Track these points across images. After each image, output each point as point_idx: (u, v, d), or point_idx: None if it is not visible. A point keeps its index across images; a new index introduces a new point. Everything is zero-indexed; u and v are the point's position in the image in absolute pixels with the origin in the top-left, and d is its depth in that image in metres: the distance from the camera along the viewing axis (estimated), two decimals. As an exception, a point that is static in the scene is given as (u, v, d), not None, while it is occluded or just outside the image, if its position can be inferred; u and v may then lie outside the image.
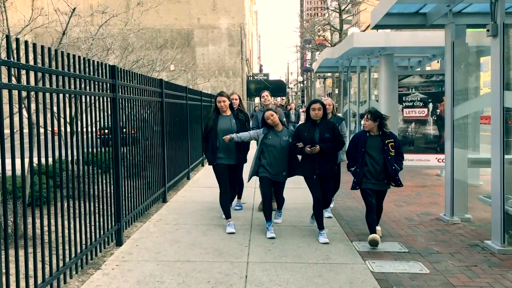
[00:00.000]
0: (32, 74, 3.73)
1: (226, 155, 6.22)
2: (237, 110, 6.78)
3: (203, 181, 10.17)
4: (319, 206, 5.67)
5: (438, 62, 14.28)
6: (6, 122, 3.51)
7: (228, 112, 6.40)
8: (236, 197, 7.41)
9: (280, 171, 5.89)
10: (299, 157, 5.87)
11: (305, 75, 48.19)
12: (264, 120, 5.94)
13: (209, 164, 6.42)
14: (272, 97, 8.25)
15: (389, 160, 5.42)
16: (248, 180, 6.25)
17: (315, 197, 5.66)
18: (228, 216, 6.20)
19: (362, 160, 5.46)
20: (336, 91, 30.51)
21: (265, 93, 7.39)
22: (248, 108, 36.29)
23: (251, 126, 7.22)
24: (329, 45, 31.04)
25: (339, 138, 5.68)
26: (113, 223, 5.51)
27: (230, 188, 6.38)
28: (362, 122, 5.24)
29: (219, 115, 6.35)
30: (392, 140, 5.47)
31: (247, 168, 6.54)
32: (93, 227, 4.93)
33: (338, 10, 31.08)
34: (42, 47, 3.87)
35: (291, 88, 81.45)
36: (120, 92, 5.70)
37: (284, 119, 6.47)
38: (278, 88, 36.75)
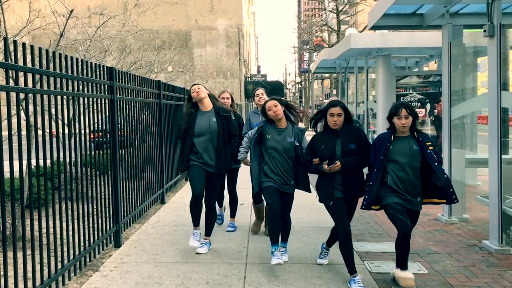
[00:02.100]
0: (30, 76, 3.73)
1: (203, 160, 5.16)
2: None
3: (202, 182, 10.14)
4: (347, 242, 4.23)
5: (435, 63, 14.33)
6: (4, 124, 3.51)
7: (209, 107, 5.26)
8: (230, 215, 6.32)
9: (287, 179, 4.69)
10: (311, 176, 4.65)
11: (303, 76, 48.24)
12: (264, 112, 4.73)
13: (180, 171, 5.49)
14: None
15: (438, 167, 4.08)
16: (254, 192, 5.24)
17: (341, 231, 4.24)
18: (196, 223, 5.28)
19: (379, 170, 4.14)
20: (334, 92, 30.54)
21: (260, 91, 6.04)
22: (246, 109, 36.32)
23: (242, 132, 5.88)
24: (327, 46, 31.08)
25: (368, 150, 4.31)
26: (112, 225, 5.51)
27: (209, 198, 5.27)
28: (397, 121, 4.07)
29: (198, 111, 5.27)
30: (431, 143, 4.18)
31: (243, 175, 6.19)
32: (91, 229, 4.93)
33: (335, 11, 31.12)
34: (40, 49, 3.87)
35: (289, 89, 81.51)
36: (118, 94, 5.70)
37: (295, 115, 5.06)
38: (276, 89, 36.74)
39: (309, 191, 4.79)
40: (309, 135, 4.65)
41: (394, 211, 4.05)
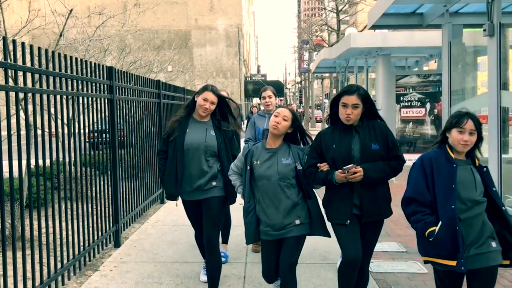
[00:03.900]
0: (29, 75, 3.72)
1: (191, 187, 3.91)
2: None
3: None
4: (349, 270, 3.21)
5: (435, 62, 14.33)
6: (3, 124, 3.51)
7: (207, 117, 4.00)
8: (220, 240, 4.81)
9: (286, 220, 3.28)
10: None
11: (302, 76, 48.28)
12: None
13: (167, 198, 4.20)
14: (277, 98, 5.58)
15: (498, 199, 2.87)
16: (248, 243, 3.52)
17: (346, 255, 3.20)
18: (204, 255, 4.20)
19: (446, 208, 2.73)
20: (334, 92, 30.54)
21: (267, 93, 5.12)
22: (246, 109, 36.33)
23: (244, 137, 5.05)
24: (327, 46, 31.08)
25: (397, 153, 3.23)
26: (111, 225, 5.51)
27: (208, 236, 3.94)
28: (456, 136, 2.81)
29: (190, 119, 3.97)
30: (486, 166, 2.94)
31: None
32: (91, 228, 4.92)
33: (335, 11, 31.11)
34: (39, 48, 3.87)
35: (289, 89, 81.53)
36: (117, 94, 5.70)
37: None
38: (276, 89, 36.76)
39: (328, 234, 3.39)
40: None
41: (450, 281, 2.83)
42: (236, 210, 6.23)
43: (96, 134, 5.41)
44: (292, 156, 3.36)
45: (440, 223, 2.72)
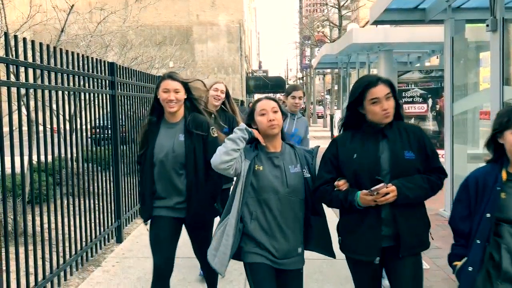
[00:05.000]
0: (30, 71, 3.72)
1: (167, 202, 3.20)
2: (219, 111, 4.30)
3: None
4: None
5: (437, 58, 14.29)
6: (5, 120, 3.51)
7: (178, 117, 3.21)
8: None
9: (291, 245, 2.65)
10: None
11: (304, 72, 48.19)
12: (251, 118, 2.69)
13: (142, 217, 3.37)
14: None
15: None
16: (222, 275, 2.76)
17: None
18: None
19: (485, 239, 2.17)
20: (336, 88, 30.51)
21: (300, 94, 4.57)
22: (247, 106, 36.29)
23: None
24: (328, 41, 31.03)
25: (437, 165, 2.49)
26: (113, 220, 5.51)
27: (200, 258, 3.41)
28: None
29: (162, 122, 3.25)
30: None
31: None
32: (93, 224, 4.93)
33: (337, 6, 31.02)
34: (41, 44, 3.86)
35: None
36: (119, 89, 5.69)
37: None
38: (278, 85, 36.71)
39: (333, 254, 2.81)
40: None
41: None
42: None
43: (98, 130, 5.41)
44: (299, 161, 2.69)
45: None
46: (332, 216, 2.80)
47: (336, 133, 16.49)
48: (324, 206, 2.69)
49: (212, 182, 3.20)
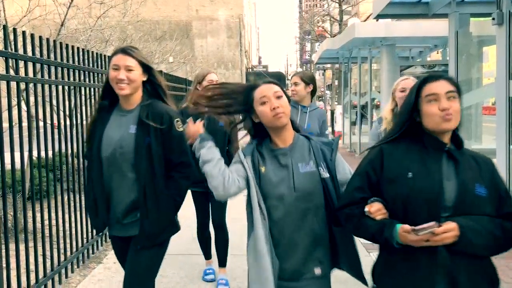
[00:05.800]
0: (30, 65, 3.66)
1: (117, 214, 2.52)
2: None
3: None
4: None
5: (438, 53, 14.21)
6: (5, 115, 3.45)
7: (134, 103, 2.52)
8: (218, 264, 4.08)
9: (300, 264, 2.10)
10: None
11: (304, 67, 48.11)
12: (248, 114, 2.19)
13: (96, 232, 2.94)
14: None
15: None
16: None
17: None
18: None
19: None
20: (336, 83, 30.43)
21: (294, 79, 4.03)
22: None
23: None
24: (329, 36, 30.91)
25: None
26: (114, 217, 5.46)
27: None
28: None
29: (114, 109, 2.56)
30: None
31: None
32: (94, 220, 4.87)
33: (337, 1, 30.88)
34: (40, 38, 3.80)
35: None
36: (120, 84, 5.62)
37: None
38: (278, 80, 36.62)
39: (363, 280, 2.13)
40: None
41: None
42: (236, 209, 6.12)
43: None
44: (313, 157, 2.09)
45: None
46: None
47: (337, 129, 16.38)
48: None
49: (174, 186, 2.50)
